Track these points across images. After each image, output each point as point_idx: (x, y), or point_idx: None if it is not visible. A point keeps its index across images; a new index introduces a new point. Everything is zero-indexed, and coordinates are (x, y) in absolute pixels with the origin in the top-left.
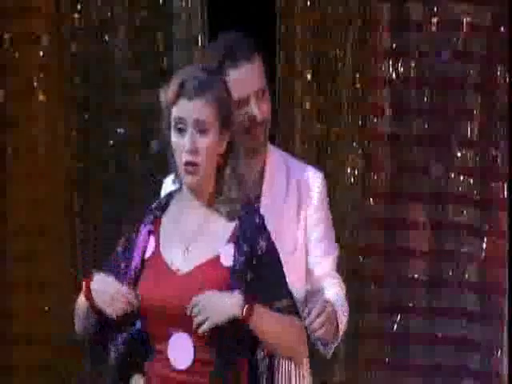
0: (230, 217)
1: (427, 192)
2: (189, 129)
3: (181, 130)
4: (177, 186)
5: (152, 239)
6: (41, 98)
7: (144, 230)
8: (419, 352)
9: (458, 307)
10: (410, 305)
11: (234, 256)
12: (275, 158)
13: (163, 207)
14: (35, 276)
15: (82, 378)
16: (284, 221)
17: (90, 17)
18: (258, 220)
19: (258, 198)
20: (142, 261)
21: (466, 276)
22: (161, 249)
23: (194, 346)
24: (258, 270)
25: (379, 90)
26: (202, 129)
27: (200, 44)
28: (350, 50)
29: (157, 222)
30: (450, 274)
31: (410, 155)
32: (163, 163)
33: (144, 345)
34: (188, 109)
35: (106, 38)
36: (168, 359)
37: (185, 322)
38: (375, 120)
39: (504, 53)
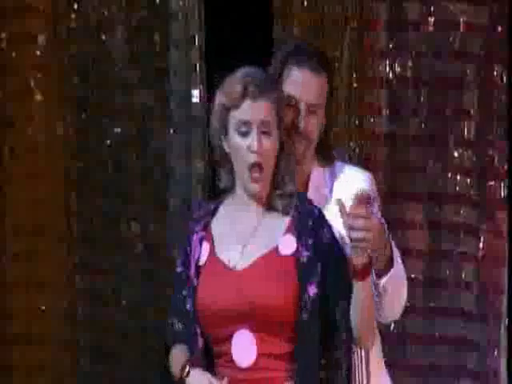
0: (286, 210)
1: (424, 191)
2: (254, 130)
3: (245, 133)
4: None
5: (205, 245)
6: (38, 97)
7: (195, 238)
8: (417, 352)
9: (455, 307)
10: (408, 304)
11: (297, 244)
12: (319, 174)
13: (212, 212)
14: (34, 276)
15: (80, 378)
16: None
17: (87, 17)
18: (317, 212)
19: None
20: (198, 267)
21: (464, 275)
22: (216, 252)
23: (257, 342)
24: (327, 261)
25: (376, 89)
26: (266, 130)
27: (197, 44)
28: (346, 49)
29: (207, 228)
30: (448, 273)
31: (407, 155)
32: (162, 163)
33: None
34: (253, 110)
35: (104, 37)
36: (233, 360)
37: (246, 319)
38: (372, 120)
39: (501, 52)
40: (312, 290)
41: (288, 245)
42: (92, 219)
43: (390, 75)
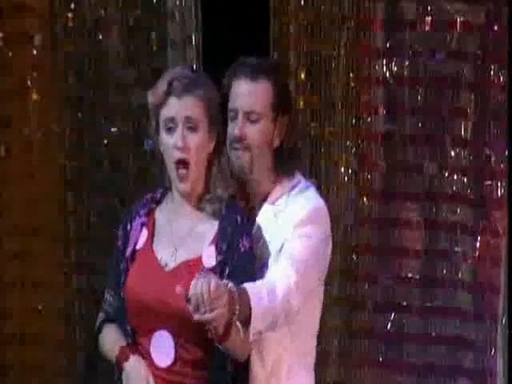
0: (216, 216)
1: (421, 191)
2: (179, 127)
3: (171, 130)
4: None
5: (144, 231)
6: (34, 97)
7: (138, 221)
8: (413, 351)
9: (451, 306)
10: (404, 304)
11: (216, 257)
12: (277, 191)
13: (158, 202)
14: (30, 276)
15: (77, 378)
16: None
17: (83, 16)
18: (239, 219)
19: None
20: (134, 251)
21: (460, 275)
22: (153, 243)
23: (176, 345)
24: (236, 267)
25: (373, 89)
26: (191, 126)
27: (194, 43)
28: (343, 49)
29: (150, 214)
30: (444, 272)
31: (403, 154)
32: (157, 162)
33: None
34: (177, 107)
35: (100, 37)
36: (151, 356)
37: (165, 320)
38: (369, 119)
39: (498, 52)
40: None
41: (210, 258)
42: (88, 219)
43: (387, 75)
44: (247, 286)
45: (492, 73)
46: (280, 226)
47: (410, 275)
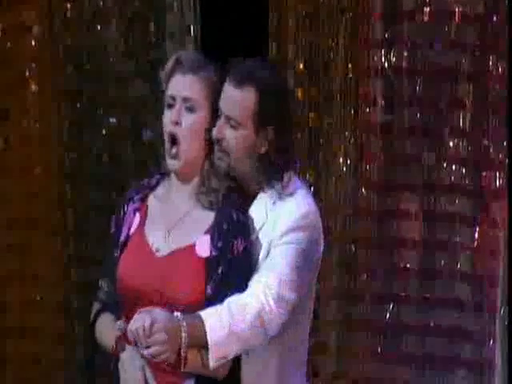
0: (211, 207)
1: (420, 182)
2: (177, 104)
3: (170, 107)
4: None
5: (137, 216)
6: (33, 88)
7: (132, 207)
8: (412, 342)
9: (450, 297)
10: (403, 295)
11: (210, 250)
12: (261, 198)
13: (152, 187)
14: (28, 268)
15: (76, 371)
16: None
17: (82, 8)
18: (235, 215)
19: None
20: (127, 237)
21: (459, 266)
22: (145, 228)
23: None
24: (229, 268)
25: (371, 80)
26: (189, 106)
27: (192, 35)
28: (342, 40)
29: (144, 200)
30: (443, 263)
31: (402, 145)
32: (156, 154)
33: None
34: (180, 84)
35: (99, 29)
36: None
37: (157, 306)
38: (368, 110)
39: (497, 42)
40: (209, 290)
41: (204, 247)
42: (87, 211)
43: (386, 65)
44: (205, 313)
45: (491, 63)
46: (270, 226)
47: (408, 266)
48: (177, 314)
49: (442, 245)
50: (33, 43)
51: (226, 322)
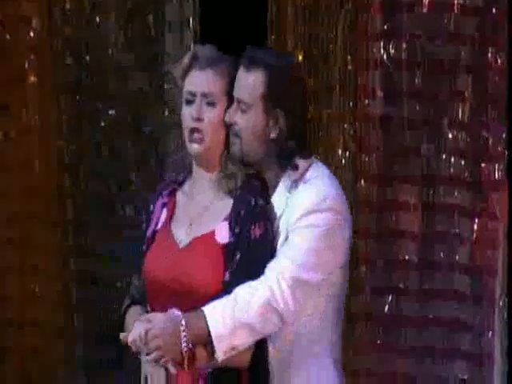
0: (230, 194)
1: (419, 174)
2: (197, 99)
3: (190, 102)
4: None
5: (165, 212)
6: (32, 80)
7: (160, 201)
8: (411, 334)
9: (449, 289)
10: (402, 287)
11: (229, 236)
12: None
13: (180, 183)
14: (28, 261)
15: (75, 363)
16: None
17: (81, 0)
18: (253, 201)
19: None
20: (154, 232)
21: (458, 258)
22: (172, 222)
23: None
24: (247, 254)
25: (371, 72)
26: (209, 101)
27: (192, 27)
28: (341, 31)
29: (172, 195)
30: (442, 255)
31: (401, 137)
32: (155, 146)
33: None
34: (198, 80)
35: (98, 21)
36: None
37: (177, 297)
38: (367, 102)
39: (496, 34)
40: (226, 276)
41: (222, 233)
42: (87, 203)
43: (385, 57)
44: (207, 307)
45: (490, 55)
46: (288, 213)
47: (407, 258)
48: (178, 313)
49: (441, 236)
50: (32, 35)
51: (230, 313)
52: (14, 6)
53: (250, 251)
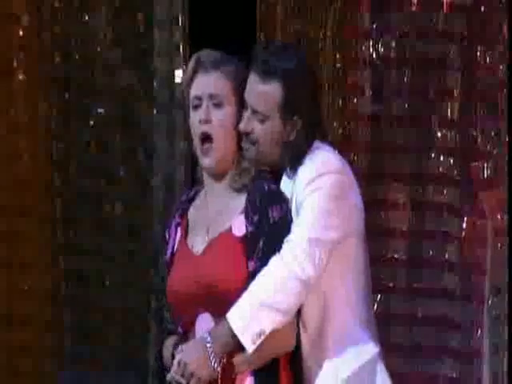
0: (245, 187)
1: (407, 172)
2: (204, 102)
3: (197, 107)
4: None
5: (179, 232)
6: (21, 77)
7: (173, 224)
8: (399, 332)
9: (438, 287)
10: (391, 285)
11: (247, 227)
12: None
13: (190, 200)
14: (17, 256)
15: (64, 358)
16: None
17: None
18: (266, 186)
19: None
20: (172, 255)
21: (447, 256)
22: (187, 237)
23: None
24: (270, 238)
25: (360, 70)
26: (216, 102)
27: (180, 24)
28: (330, 30)
29: (184, 215)
30: (431, 253)
31: (390, 135)
32: (145, 143)
33: None
34: (203, 82)
35: (87, 18)
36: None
37: (205, 302)
38: (355, 100)
39: (485, 32)
40: (251, 266)
41: (240, 225)
42: (75, 200)
43: (374, 55)
44: (230, 310)
45: (478, 54)
46: (296, 191)
47: (396, 256)
48: (205, 333)
49: (430, 234)
50: (21, 32)
51: (247, 301)
52: (3, 3)
53: (272, 235)
